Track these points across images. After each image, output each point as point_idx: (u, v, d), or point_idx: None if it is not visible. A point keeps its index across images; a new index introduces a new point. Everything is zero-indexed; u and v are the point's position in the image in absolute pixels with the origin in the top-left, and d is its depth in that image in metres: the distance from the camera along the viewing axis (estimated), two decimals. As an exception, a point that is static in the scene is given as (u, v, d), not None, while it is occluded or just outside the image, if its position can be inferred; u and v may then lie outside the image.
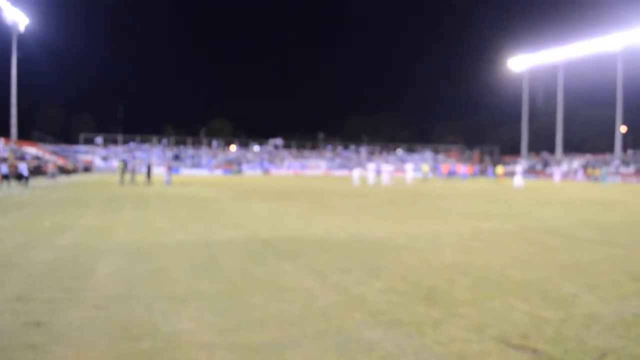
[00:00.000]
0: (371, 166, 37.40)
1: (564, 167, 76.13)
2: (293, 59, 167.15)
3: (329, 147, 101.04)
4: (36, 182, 34.50)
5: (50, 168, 41.96)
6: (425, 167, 52.30)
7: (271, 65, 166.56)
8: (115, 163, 72.20)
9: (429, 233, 10.54)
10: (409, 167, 41.67)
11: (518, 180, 35.67)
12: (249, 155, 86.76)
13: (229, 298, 5.24)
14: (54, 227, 10.84)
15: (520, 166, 38.94)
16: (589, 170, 61.50)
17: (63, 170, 50.81)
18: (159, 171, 43.12)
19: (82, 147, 79.91)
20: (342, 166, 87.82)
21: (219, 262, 7.09)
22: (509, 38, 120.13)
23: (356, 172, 37.29)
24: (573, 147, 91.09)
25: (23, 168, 30.15)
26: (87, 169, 70.81)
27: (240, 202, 18.67)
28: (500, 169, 51.07)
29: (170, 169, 32.67)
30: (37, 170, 44.29)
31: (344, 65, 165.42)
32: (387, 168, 38.04)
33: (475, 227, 11.63)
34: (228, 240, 9.18)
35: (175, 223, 11.75)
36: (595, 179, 57.51)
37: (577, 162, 79.05)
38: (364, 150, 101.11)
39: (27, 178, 29.01)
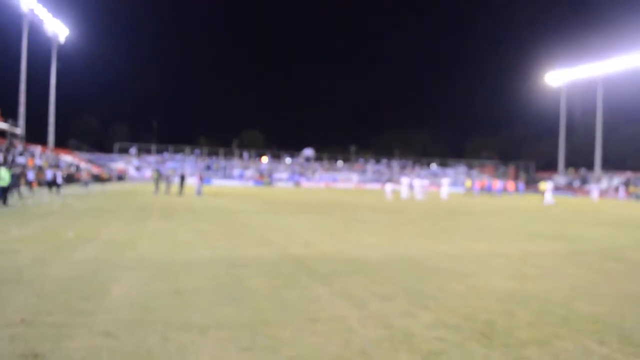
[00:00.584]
0: (404, 180, 36.47)
1: (603, 184, 73.70)
2: (326, 71, 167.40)
3: (361, 160, 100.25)
4: (69, 190, 34.67)
5: (83, 176, 42.31)
6: (468, 182, 50.85)
7: (304, 77, 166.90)
8: (148, 173, 72.98)
9: (472, 254, 9.71)
10: (444, 181, 40.57)
11: (548, 196, 34.36)
12: (281, 167, 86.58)
13: (255, 329, 4.56)
14: (77, 238, 10.40)
15: (550, 182, 37.52)
16: (631, 188, 59.13)
17: (97, 179, 51.34)
18: (190, 181, 42.96)
19: (116, 156, 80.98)
20: (374, 180, 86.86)
21: (245, 284, 6.42)
22: (547, 52, 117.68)
23: (389, 186, 36.40)
24: (611, 164, 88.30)
25: (57, 176, 30.27)
26: (121, 177, 71.60)
27: (271, 215, 18.09)
28: (543, 185, 49.67)
29: (201, 179, 32.39)
30: (71, 178, 44.71)
31: (378, 78, 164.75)
32: (421, 182, 37.03)
33: (522, 248, 10.74)
34: (256, 258, 8.53)
35: (201, 237, 11.19)
36: (637, 197, 55.34)
37: (617, 179, 76.51)
38: (396, 164, 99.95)
39: (59, 186, 29.10)
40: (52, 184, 31.15)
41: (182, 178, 33.15)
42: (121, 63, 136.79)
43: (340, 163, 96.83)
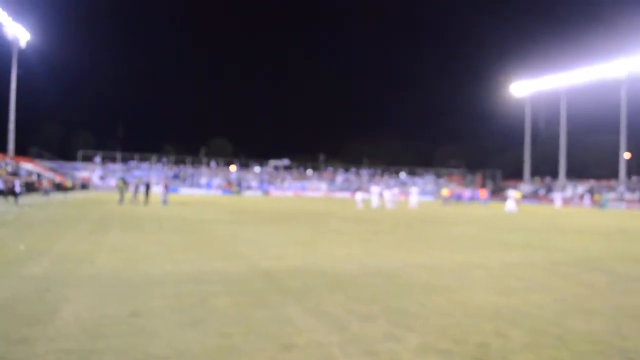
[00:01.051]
0: (375, 189, 36.20)
1: (568, 192, 75.10)
2: (293, 79, 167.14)
3: (330, 169, 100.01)
4: (28, 199, 33.27)
5: (44, 185, 40.79)
6: (445, 191, 50.56)
7: (271, 85, 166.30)
8: (113, 181, 71.17)
9: (450, 265, 9.30)
10: (413, 190, 40.45)
11: (510, 204, 34.62)
12: (249, 176, 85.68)
13: (221, 360, 4.00)
14: (28, 251, 9.61)
15: (512, 191, 37.90)
16: (596, 196, 60.17)
17: (59, 187, 49.65)
18: (156, 190, 41.86)
19: (79, 165, 78.84)
20: (343, 188, 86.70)
21: (210, 303, 5.82)
22: (511, 63, 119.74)
23: (359, 195, 36.08)
24: (576, 172, 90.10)
25: (16, 184, 28.98)
26: (85, 186, 69.66)
27: (239, 225, 17.45)
28: (518, 194, 50.13)
29: (167, 187, 31.42)
30: (31, 187, 43.07)
31: (345, 86, 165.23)
32: (391, 191, 36.79)
33: (500, 259, 10.40)
34: (223, 272, 7.94)
35: (165, 249, 10.51)
36: (601, 205, 56.37)
37: (581, 187, 78.12)
38: (365, 172, 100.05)
39: (17, 195, 27.84)
40: (9, 193, 29.83)
41: (147, 187, 32.16)
42: (85, 69, 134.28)
43: (309, 172, 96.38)
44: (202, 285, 6.81)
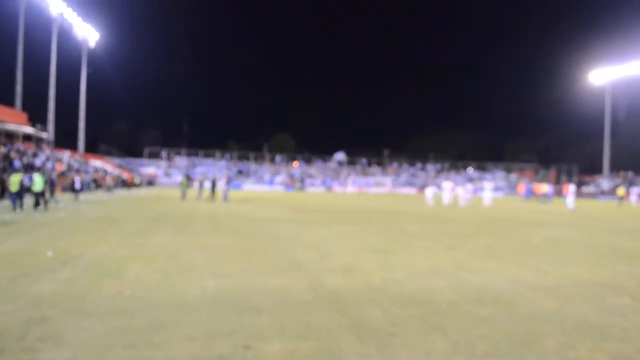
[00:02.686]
0: (447, 185, 33.61)
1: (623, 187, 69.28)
2: (357, 74, 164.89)
3: (395, 164, 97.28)
4: (92, 195, 33.05)
5: (108, 181, 40.77)
6: (544, 187, 46.67)
7: (336, 81, 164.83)
8: (179, 177, 71.68)
9: (574, 286, 7.10)
10: (487, 186, 37.50)
11: (570, 201, 30.81)
12: (312, 171, 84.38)
13: None
14: (56, 258, 8.19)
15: (573, 185, 33.99)
16: None
17: (124, 184, 49.98)
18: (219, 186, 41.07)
19: (146, 161, 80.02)
20: (408, 184, 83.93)
21: (253, 353, 4.00)
22: (590, 49, 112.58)
23: (429, 191, 33.62)
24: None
25: (76, 181, 28.57)
26: (151, 183, 70.52)
27: (301, 225, 15.67)
28: (621, 191, 46.06)
29: (228, 183, 30.19)
30: (96, 184, 43.25)
31: (412, 80, 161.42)
32: (464, 187, 34.09)
33: (631, 274, 8.07)
34: (278, 293, 6.12)
35: (213, 256, 8.84)
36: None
37: (670, 183, 71.89)
38: (431, 168, 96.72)
39: (77, 191, 27.37)
40: (70, 190, 29.58)
41: (214, 183, 31.22)
42: (152, 67, 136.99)
43: (373, 167, 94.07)
44: (247, 317, 5.01)
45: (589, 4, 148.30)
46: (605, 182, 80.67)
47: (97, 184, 42.88)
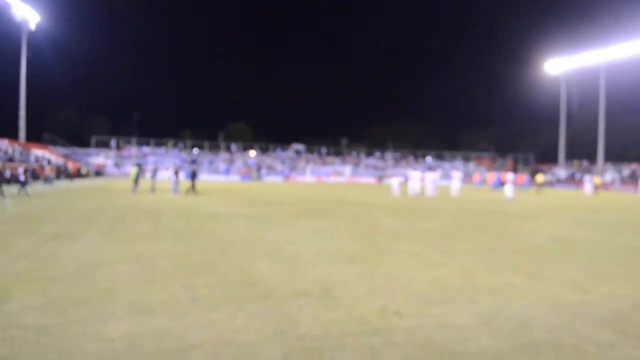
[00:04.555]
0: (415, 174, 31.77)
1: (607, 176, 69.89)
2: (316, 62, 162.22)
3: (353, 153, 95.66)
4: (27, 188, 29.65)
5: (47, 171, 37.22)
6: (540, 177, 45.19)
7: (291, 67, 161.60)
8: (129, 168, 67.91)
9: (630, 311, 5.14)
10: (455, 175, 35.93)
11: (508, 190, 29.72)
12: (269, 161, 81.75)
13: None
14: None
15: (511, 174, 33.15)
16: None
17: (67, 174, 46.27)
18: (165, 176, 38.08)
19: (93, 150, 75.66)
20: (368, 173, 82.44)
21: None
22: (546, 40, 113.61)
23: (395, 181, 31.71)
24: (614, 155, 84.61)
25: (19, 172, 25.29)
26: (99, 173, 66.57)
27: (260, 222, 13.31)
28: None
29: (177, 174, 27.42)
30: (34, 175, 39.54)
31: (369, 69, 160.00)
32: (432, 176, 32.35)
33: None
34: (225, 347, 3.87)
35: (140, 273, 6.48)
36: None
37: (623, 171, 72.88)
38: (390, 156, 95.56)
39: (23, 184, 24.15)
40: (9, 181, 26.45)
41: (194, 174, 28.48)
42: (99, 52, 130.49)
43: (331, 156, 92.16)
44: None
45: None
46: (561, 171, 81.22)
47: (35, 174, 39.16)
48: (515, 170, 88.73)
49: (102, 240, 9.50)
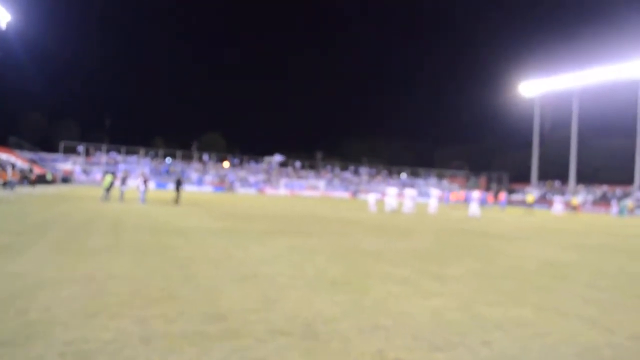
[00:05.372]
0: (392, 190, 31.06)
1: (580, 197, 70.54)
2: (290, 75, 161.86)
3: (328, 167, 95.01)
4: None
5: (9, 176, 35.36)
6: (530, 197, 45.02)
7: (268, 80, 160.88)
8: (98, 175, 65.89)
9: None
10: (434, 192, 35.43)
11: (474, 208, 29.89)
12: (243, 173, 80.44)
13: None
14: None
15: (477, 192, 33.35)
16: (630, 204, 55.35)
17: (28, 180, 44.25)
18: (134, 184, 36.61)
19: (61, 156, 73.32)
20: (342, 188, 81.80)
21: None
22: (521, 62, 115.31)
23: (372, 197, 30.94)
24: (585, 177, 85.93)
25: None
26: (66, 180, 64.46)
27: (231, 239, 12.23)
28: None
29: (146, 183, 26.14)
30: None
31: (343, 84, 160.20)
32: (410, 193, 31.70)
33: None
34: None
35: (87, 298, 5.42)
36: (629, 212, 51.95)
37: (593, 193, 73.80)
38: (364, 171, 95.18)
39: None
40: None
41: (179, 182, 27.17)
42: (71, 55, 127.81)
43: (306, 170, 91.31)
44: None
45: (522, 17, 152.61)
46: (533, 191, 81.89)
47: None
48: (488, 188, 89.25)
49: (52, 255, 8.37)
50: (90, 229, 12.65)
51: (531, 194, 56.21)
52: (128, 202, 25.50)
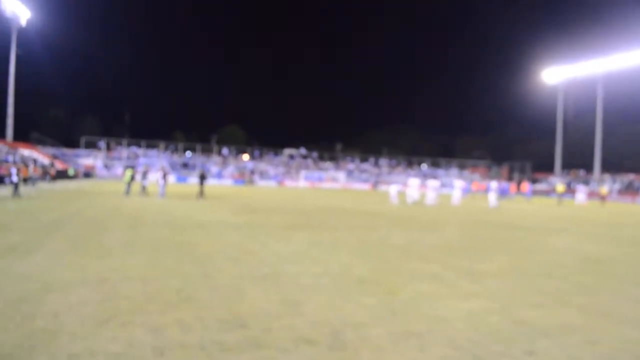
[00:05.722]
0: (414, 182, 30.42)
1: (606, 186, 68.90)
2: (311, 66, 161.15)
3: (348, 159, 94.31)
4: (4, 189, 28.11)
5: (31, 172, 35.54)
6: (561, 187, 44.01)
7: (287, 72, 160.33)
8: (120, 169, 66.22)
9: None
10: (457, 184, 34.68)
11: (492, 198, 29.13)
12: (262, 165, 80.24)
13: None
14: None
15: (495, 182, 32.48)
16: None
17: (52, 176, 44.55)
18: (153, 179, 36.49)
19: (83, 151, 73.84)
20: (362, 179, 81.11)
21: None
22: (544, 48, 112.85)
23: (394, 188, 30.32)
24: (611, 165, 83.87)
25: (12, 172, 23.67)
26: (88, 174, 64.82)
27: (250, 234, 11.85)
28: (603, 190, 44.10)
29: (165, 177, 25.91)
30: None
31: (365, 75, 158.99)
32: (434, 184, 31.02)
33: None
34: None
35: (98, 302, 5.06)
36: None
37: (619, 181, 72.01)
38: (384, 163, 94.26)
39: (16, 185, 22.63)
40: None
41: (203, 177, 27.01)
42: (91, 50, 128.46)
43: (326, 162, 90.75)
44: None
45: (544, 3, 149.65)
46: (557, 180, 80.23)
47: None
48: (510, 178, 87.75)
49: (65, 253, 8.07)
50: (108, 225, 12.38)
51: (562, 183, 54.87)
52: (149, 197, 25.34)
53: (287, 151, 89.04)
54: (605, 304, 6.07)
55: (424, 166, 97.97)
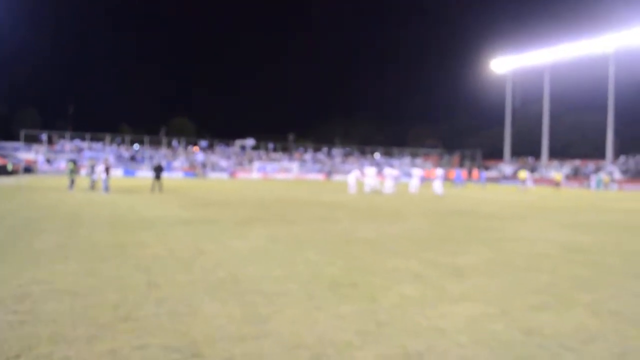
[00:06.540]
0: (370, 170, 29.76)
1: (551, 172, 70.57)
2: (261, 56, 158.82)
3: (301, 149, 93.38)
4: None
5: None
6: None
7: (237, 62, 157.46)
8: (63, 164, 63.09)
9: None
10: (416, 172, 34.20)
11: (437, 186, 29.36)
12: (214, 157, 78.27)
13: None
14: None
15: (440, 170, 32.86)
16: (606, 178, 55.18)
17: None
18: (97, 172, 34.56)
19: (22, 145, 69.95)
20: (315, 170, 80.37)
21: None
22: (492, 38, 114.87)
23: (352, 177, 29.56)
24: (557, 152, 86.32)
25: None
26: (29, 169, 61.43)
27: (203, 230, 10.76)
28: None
29: (108, 171, 24.24)
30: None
31: (314, 65, 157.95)
32: (391, 172, 30.46)
33: None
34: None
35: (13, 328, 3.95)
36: (605, 185, 51.80)
37: (565, 168, 74.00)
38: (337, 153, 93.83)
39: None
40: None
41: (159, 169, 25.54)
42: (31, 40, 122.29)
43: (278, 153, 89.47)
44: None
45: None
46: (507, 167, 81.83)
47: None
48: (461, 166, 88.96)
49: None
50: (42, 226, 11.01)
51: (524, 170, 55.56)
52: (95, 192, 23.78)
53: (239, 142, 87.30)
54: (611, 301, 5.40)
55: (377, 155, 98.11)
